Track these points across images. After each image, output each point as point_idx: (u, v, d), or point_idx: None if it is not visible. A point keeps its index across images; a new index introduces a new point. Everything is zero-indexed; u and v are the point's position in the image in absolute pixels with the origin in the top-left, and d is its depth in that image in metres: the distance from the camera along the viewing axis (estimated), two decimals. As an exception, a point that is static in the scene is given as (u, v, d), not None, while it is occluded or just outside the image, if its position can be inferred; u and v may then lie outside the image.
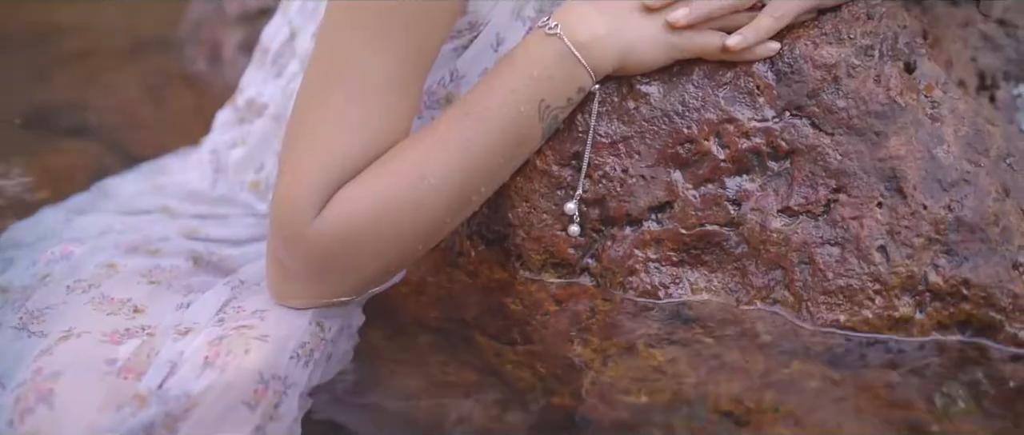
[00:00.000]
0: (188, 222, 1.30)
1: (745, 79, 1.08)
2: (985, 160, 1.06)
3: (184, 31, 2.08)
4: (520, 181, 1.10)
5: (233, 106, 1.40)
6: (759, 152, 1.07)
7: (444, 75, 1.17)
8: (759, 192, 1.07)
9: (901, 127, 1.05)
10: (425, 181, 1.04)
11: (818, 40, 1.08)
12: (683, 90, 1.08)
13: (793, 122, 1.07)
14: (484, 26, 1.13)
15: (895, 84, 1.06)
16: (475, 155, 1.05)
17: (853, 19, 1.10)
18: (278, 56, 1.32)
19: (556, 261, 1.11)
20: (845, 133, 1.06)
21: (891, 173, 1.03)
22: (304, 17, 1.28)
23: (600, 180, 1.08)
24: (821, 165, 1.06)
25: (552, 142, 1.09)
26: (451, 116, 1.06)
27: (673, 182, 1.08)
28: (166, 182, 1.40)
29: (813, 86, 1.07)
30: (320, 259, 1.04)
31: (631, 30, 1.06)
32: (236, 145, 1.36)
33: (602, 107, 1.08)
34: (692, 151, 1.08)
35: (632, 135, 1.08)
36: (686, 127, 1.07)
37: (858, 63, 1.07)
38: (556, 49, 1.05)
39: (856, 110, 1.06)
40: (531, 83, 1.05)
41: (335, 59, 1.05)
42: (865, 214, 1.03)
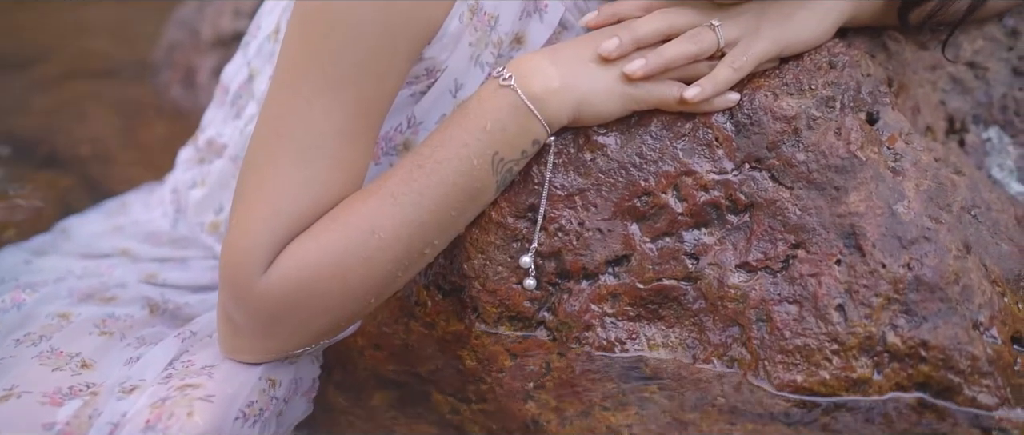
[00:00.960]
0: (148, 266, 1.28)
1: (704, 130, 1.06)
2: (946, 216, 1.03)
3: (158, 56, 2.06)
4: (475, 233, 1.08)
5: (194, 145, 1.38)
6: (718, 205, 1.05)
7: (401, 121, 1.15)
8: (717, 246, 1.05)
9: (861, 182, 1.03)
10: (375, 236, 1.02)
11: (779, 90, 1.06)
12: (641, 141, 1.06)
13: (752, 175, 1.05)
14: (441, 72, 1.11)
15: (856, 137, 1.04)
16: (427, 209, 1.03)
17: (815, 68, 1.08)
18: (237, 97, 1.30)
19: (512, 314, 1.09)
20: (805, 187, 1.04)
21: (850, 230, 1.01)
22: (262, 59, 1.26)
23: (556, 233, 1.06)
24: (780, 220, 1.04)
25: (507, 194, 1.07)
26: (403, 169, 1.04)
27: (630, 235, 1.06)
28: (127, 222, 1.39)
29: (773, 138, 1.05)
30: (268, 315, 1.02)
31: (586, 81, 1.04)
32: (196, 185, 1.34)
33: (558, 158, 1.06)
34: (649, 204, 1.06)
35: (588, 187, 1.06)
36: (643, 179, 1.05)
37: (819, 115, 1.05)
38: (509, 101, 1.03)
39: (816, 164, 1.04)
40: (484, 136, 1.03)
41: (283, 111, 1.03)
42: (823, 272, 1.01)
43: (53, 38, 2.37)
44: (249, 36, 1.32)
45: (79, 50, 2.30)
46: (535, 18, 1.13)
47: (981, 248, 1.06)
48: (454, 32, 1.08)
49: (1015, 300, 1.06)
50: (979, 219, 1.09)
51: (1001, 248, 1.08)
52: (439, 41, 1.08)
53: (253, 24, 1.32)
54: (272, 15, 1.26)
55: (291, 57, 1.04)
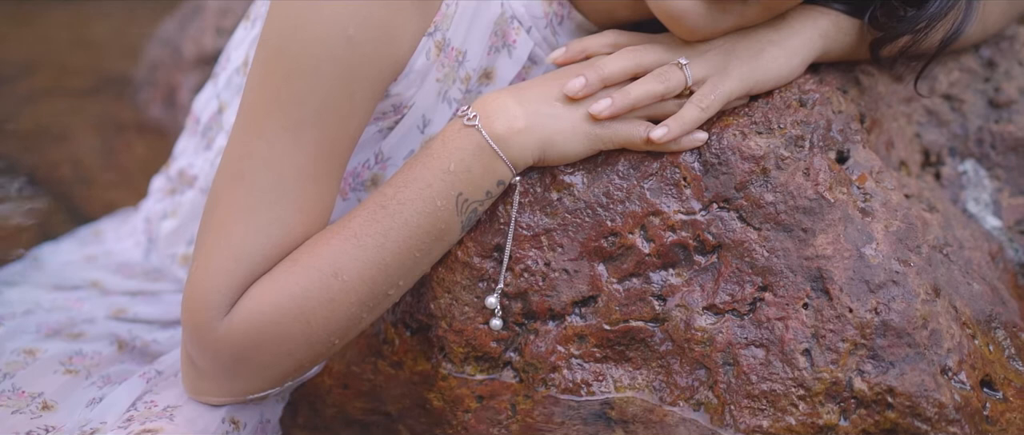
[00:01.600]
0: (118, 300, 1.28)
1: (672, 170, 1.04)
2: (916, 257, 1.02)
3: (140, 74, 2.05)
4: (442, 272, 1.07)
5: (166, 174, 1.38)
6: (685, 246, 1.04)
7: (369, 157, 1.14)
8: (685, 287, 1.04)
9: (829, 224, 1.01)
10: (338, 278, 1.01)
11: (747, 129, 1.05)
12: (608, 180, 1.05)
13: (720, 215, 1.04)
14: (409, 109, 1.10)
15: (824, 178, 1.03)
16: (390, 251, 1.02)
17: (784, 106, 1.06)
18: (207, 128, 1.29)
19: (478, 354, 1.08)
20: (772, 229, 1.02)
21: (817, 273, 1.00)
22: (231, 92, 1.25)
23: (522, 274, 1.05)
24: (748, 261, 1.02)
25: (473, 233, 1.06)
26: (366, 209, 1.03)
27: (597, 276, 1.05)
28: (99, 252, 1.38)
29: (741, 178, 1.03)
30: (230, 358, 1.01)
31: (552, 121, 1.03)
32: (167, 216, 1.33)
33: (524, 197, 1.05)
34: (616, 244, 1.04)
35: (555, 227, 1.05)
36: (610, 220, 1.04)
37: (787, 155, 1.04)
38: (474, 142, 1.02)
39: (784, 205, 1.02)
40: (448, 177, 1.01)
41: (245, 153, 1.02)
42: (790, 315, 1.00)
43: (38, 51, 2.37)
44: (219, 67, 1.31)
45: (63, 64, 2.29)
46: (503, 53, 1.12)
47: (952, 289, 1.05)
48: (421, 69, 1.07)
49: (985, 342, 1.04)
50: (951, 258, 1.08)
51: (972, 288, 1.07)
52: (405, 78, 1.07)
53: (223, 55, 1.31)
54: (241, 48, 1.25)
55: (253, 98, 1.03)
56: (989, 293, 1.08)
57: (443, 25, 1.07)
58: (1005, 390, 1.02)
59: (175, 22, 2.05)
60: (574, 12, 1.14)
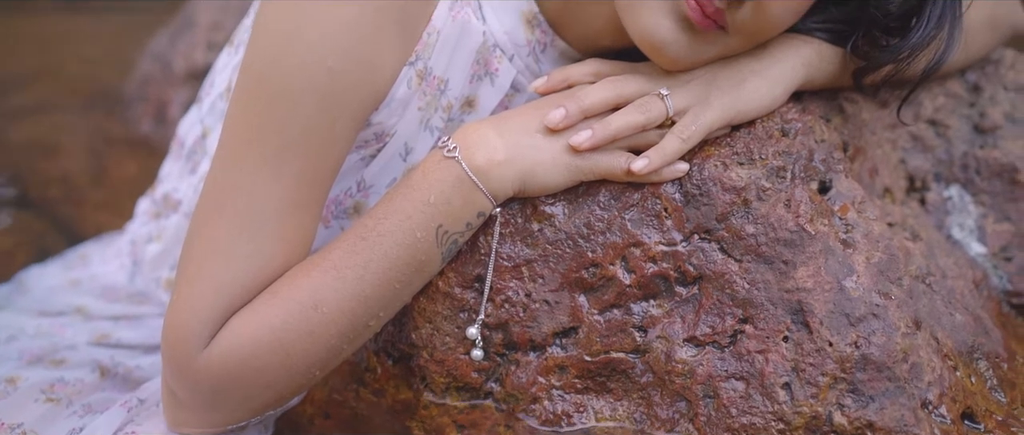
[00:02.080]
0: (101, 325, 1.27)
1: (653, 201, 1.04)
2: (897, 290, 1.02)
3: (131, 89, 2.05)
4: (423, 301, 1.07)
5: (152, 197, 1.37)
6: (666, 277, 1.04)
7: (351, 185, 1.14)
8: (666, 319, 1.04)
9: (810, 256, 1.01)
10: (318, 310, 1.00)
11: (729, 160, 1.04)
12: (589, 211, 1.04)
13: (702, 246, 1.03)
14: (391, 137, 1.10)
15: (805, 210, 1.03)
16: (370, 283, 1.01)
17: (766, 137, 1.06)
18: (192, 153, 1.29)
19: (460, 384, 1.07)
20: (753, 260, 1.02)
21: (798, 306, 1.00)
22: (214, 117, 1.25)
23: (503, 304, 1.05)
24: (728, 293, 1.02)
25: (454, 264, 1.06)
26: (346, 241, 1.02)
27: (578, 307, 1.05)
28: (85, 276, 1.38)
29: (722, 209, 1.03)
30: (210, 389, 1.01)
31: (532, 153, 1.02)
32: (152, 240, 1.33)
33: (505, 228, 1.05)
34: (597, 275, 1.04)
35: (535, 258, 1.05)
36: (591, 251, 1.04)
37: (769, 186, 1.04)
38: (454, 174, 1.01)
39: (765, 237, 1.02)
40: (428, 209, 1.01)
41: (226, 183, 1.02)
42: (770, 348, 1.00)
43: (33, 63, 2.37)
44: (203, 91, 1.31)
45: (57, 77, 2.29)
46: (486, 82, 1.12)
47: (933, 320, 1.04)
48: (402, 97, 1.07)
49: (967, 373, 1.04)
50: (933, 288, 1.08)
51: (954, 318, 1.07)
52: (387, 107, 1.07)
53: (207, 80, 1.31)
54: (224, 73, 1.25)
55: (234, 128, 1.03)
56: (972, 323, 1.08)
57: (425, 54, 1.07)
58: (986, 422, 1.02)
59: (166, 37, 2.05)
60: (557, 40, 1.13)
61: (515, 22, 1.11)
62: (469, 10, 1.08)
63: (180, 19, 2.05)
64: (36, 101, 2.17)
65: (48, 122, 2.03)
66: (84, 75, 2.28)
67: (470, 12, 1.08)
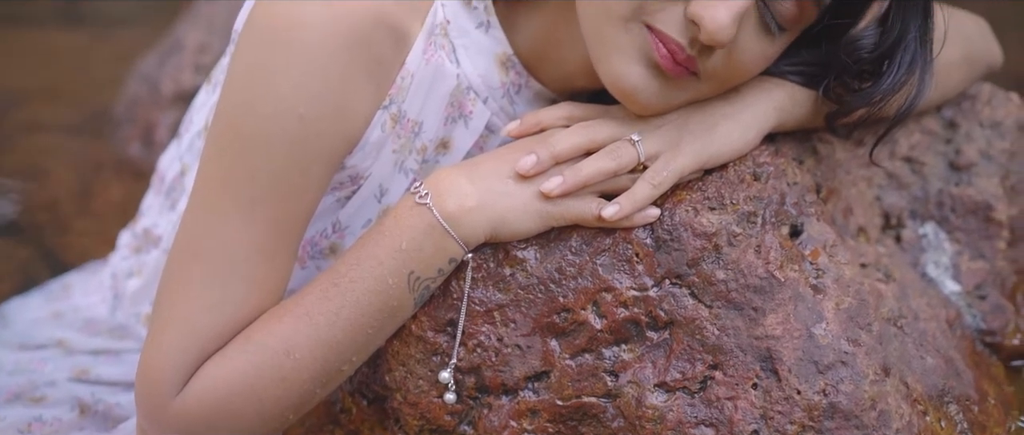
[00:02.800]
0: (82, 360, 1.28)
1: (624, 246, 1.05)
2: (866, 336, 1.02)
3: (119, 111, 2.06)
4: (397, 345, 1.08)
5: (132, 230, 1.38)
6: (638, 322, 1.04)
7: (326, 227, 1.14)
8: (637, 363, 1.04)
9: (779, 303, 1.02)
10: (290, 357, 1.01)
11: (700, 205, 1.05)
12: (560, 256, 1.05)
13: (672, 291, 1.04)
14: (366, 179, 1.10)
15: (775, 256, 1.03)
16: (342, 329, 1.02)
17: (738, 181, 1.06)
18: (171, 189, 1.30)
19: (433, 427, 1.08)
20: (723, 306, 1.03)
21: (767, 353, 1.00)
22: (193, 155, 1.25)
23: (475, 349, 1.06)
24: (699, 339, 1.03)
25: (427, 308, 1.07)
26: (319, 287, 1.03)
27: (550, 351, 1.05)
28: (67, 308, 1.38)
29: (693, 255, 1.04)
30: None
31: (503, 199, 1.03)
32: (133, 275, 1.33)
33: (477, 273, 1.06)
34: (569, 320, 1.05)
35: (507, 303, 1.05)
36: (562, 296, 1.05)
37: (739, 231, 1.04)
38: (425, 221, 1.02)
39: (735, 283, 1.03)
40: (399, 255, 1.02)
41: (199, 230, 1.03)
42: (740, 395, 1.00)
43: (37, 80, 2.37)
44: (183, 127, 1.32)
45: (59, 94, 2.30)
46: (460, 124, 1.12)
47: (904, 364, 1.05)
48: (376, 141, 1.07)
49: (937, 417, 1.05)
50: (905, 330, 1.08)
51: (925, 362, 1.07)
52: (361, 150, 1.07)
53: (186, 116, 1.31)
54: (202, 111, 1.26)
55: (207, 175, 1.03)
56: (943, 366, 1.08)
57: (398, 98, 1.07)
58: (956, 467, 1.02)
59: (154, 58, 2.05)
60: (532, 81, 1.14)
61: (489, 65, 1.11)
62: (443, 54, 1.09)
63: (168, 41, 2.06)
64: (33, 120, 2.18)
65: (36, 144, 2.04)
66: (76, 94, 2.28)
67: (444, 55, 1.09)
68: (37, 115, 2.21)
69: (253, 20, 1.03)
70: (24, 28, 2.79)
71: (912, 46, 1.05)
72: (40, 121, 2.17)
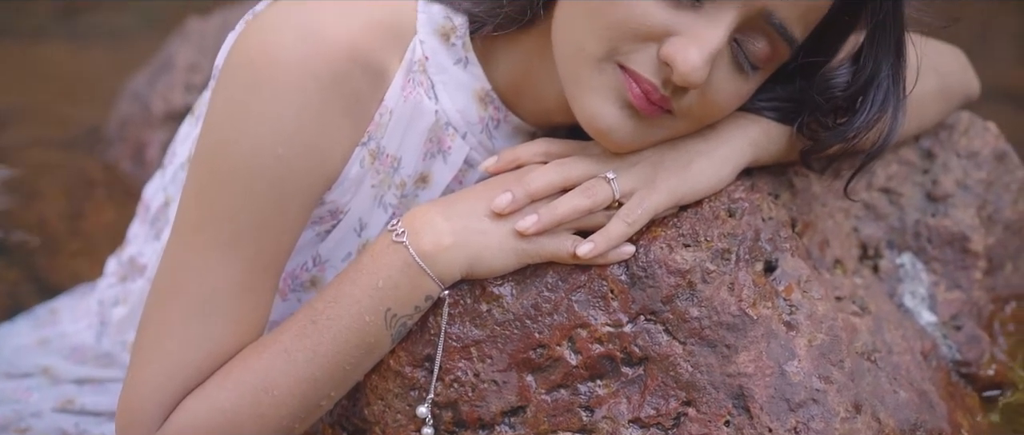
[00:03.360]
0: (67, 389, 1.30)
1: (599, 282, 1.06)
2: (838, 372, 1.03)
3: (111, 129, 2.07)
4: (375, 379, 1.09)
5: (119, 258, 1.39)
6: (613, 357, 1.05)
7: (307, 260, 1.15)
8: (612, 399, 1.05)
9: (751, 341, 1.03)
10: (269, 393, 1.02)
11: (674, 242, 1.06)
12: (536, 293, 1.06)
13: (647, 327, 1.05)
14: (345, 214, 1.11)
15: (748, 294, 1.04)
16: (320, 366, 1.03)
17: (713, 217, 1.07)
18: (155, 219, 1.31)
19: (411, 461, 1.09)
20: (697, 343, 1.04)
21: (739, 390, 1.02)
22: (176, 187, 1.26)
23: (452, 384, 1.07)
24: (672, 375, 1.04)
25: (405, 343, 1.08)
26: (297, 323, 1.04)
27: (526, 386, 1.06)
28: (53, 334, 1.40)
29: (667, 292, 1.05)
30: (163, 471, 1.03)
31: (479, 238, 1.04)
32: (118, 303, 1.35)
33: (454, 309, 1.07)
34: (544, 356, 1.06)
35: (484, 339, 1.06)
36: (538, 332, 1.06)
37: (713, 268, 1.05)
38: (401, 259, 1.03)
39: (709, 320, 1.04)
40: (376, 293, 1.03)
41: (178, 267, 1.04)
42: (712, 432, 1.01)
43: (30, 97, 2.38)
44: (167, 159, 1.33)
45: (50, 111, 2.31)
46: (439, 159, 1.13)
47: (876, 400, 1.06)
48: (355, 176, 1.09)
49: (909, 452, 1.06)
50: (879, 364, 1.09)
51: (898, 396, 1.08)
52: (340, 186, 1.08)
53: (170, 148, 1.32)
54: (186, 143, 1.27)
55: (187, 213, 1.05)
56: (915, 400, 1.09)
57: (377, 134, 1.08)
58: (927, 502, 1.04)
59: (145, 77, 2.06)
60: (511, 115, 1.15)
61: (467, 100, 1.12)
62: (421, 91, 1.10)
63: (159, 59, 2.07)
64: (25, 138, 2.19)
65: (28, 162, 2.05)
66: (69, 110, 2.29)
67: (422, 92, 1.10)
68: (30, 131, 2.22)
69: (232, 58, 1.05)
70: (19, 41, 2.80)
71: (884, 84, 1.06)
72: (29, 140, 2.18)
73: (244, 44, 1.04)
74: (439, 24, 1.11)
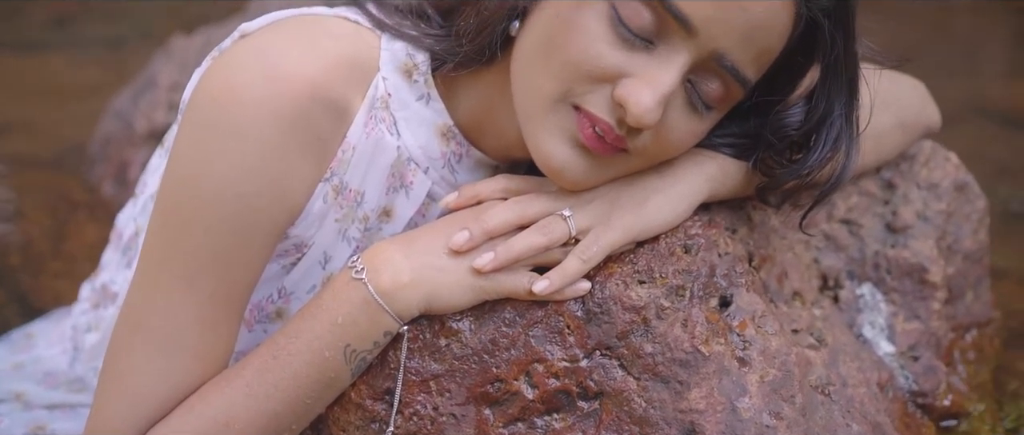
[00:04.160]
0: (38, 415, 1.31)
1: (555, 318, 1.07)
2: (789, 409, 1.05)
3: (94, 148, 2.09)
4: (338, 411, 1.11)
5: (92, 284, 1.41)
6: (569, 392, 1.07)
7: (272, 292, 1.17)
8: (568, 433, 1.07)
9: (703, 377, 1.05)
10: (230, 428, 1.04)
11: (630, 279, 1.08)
12: (494, 328, 1.08)
13: (603, 362, 1.07)
14: (309, 247, 1.13)
15: (700, 331, 1.06)
16: (281, 400, 1.05)
17: (668, 254, 1.09)
18: (127, 248, 1.33)
19: (373, 492, 1.11)
20: (651, 379, 1.05)
21: (691, 427, 1.03)
22: (146, 217, 1.28)
23: (411, 417, 1.09)
24: (627, 410, 1.06)
25: (366, 376, 1.10)
26: (259, 358, 1.06)
27: (483, 420, 1.08)
28: (28, 359, 1.42)
29: (622, 328, 1.06)
30: (127, 504, 1.05)
31: (437, 275, 1.06)
32: (91, 329, 1.36)
33: (413, 343, 1.09)
34: (502, 390, 1.08)
35: (443, 373, 1.08)
36: (496, 366, 1.08)
37: (668, 305, 1.07)
38: (360, 295, 1.05)
39: (662, 356, 1.05)
40: (335, 329, 1.05)
41: (142, 302, 1.06)
42: (664, 467, 1.03)
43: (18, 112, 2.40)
44: (138, 188, 1.34)
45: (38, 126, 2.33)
46: (401, 193, 1.15)
47: (828, 434, 1.07)
48: (319, 211, 1.10)
49: (861, 486, 1.07)
50: (833, 397, 1.11)
51: (851, 430, 1.10)
52: (304, 220, 1.10)
53: (142, 179, 1.34)
54: (156, 175, 1.28)
55: (151, 247, 1.07)
56: (869, 432, 1.11)
57: (340, 170, 1.10)
58: (877, 535, 1.05)
59: (128, 95, 2.08)
60: (473, 150, 1.17)
61: (429, 136, 1.14)
62: (383, 127, 1.12)
63: (142, 77, 2.09)
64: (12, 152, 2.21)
65: (17, 181, 2.07)
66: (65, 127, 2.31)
67: (384, 129, 1.12)
68: (17, 147, 2.24)
69: (196, 95, 1.06)
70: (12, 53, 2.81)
71: (838, 123, 1.07)
72: (15, 154, 2.20)
73: (209, 81, 1.06)
74: (402, 61, 1.12)
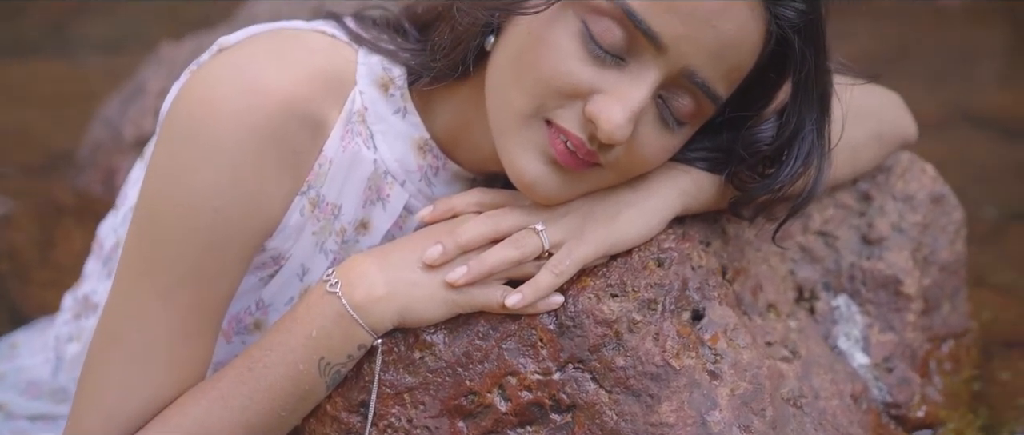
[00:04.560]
0: (20, 425, 1.32)
1: (529, 331, 1.08)
2: (759, 422, 1.06)
3: (83, 155, 2.09)
4: (313, 423, 1.12)
5: (74, 295, 1.42)
6: (541, 405, 1.08)
7: (250, 304, 1.18)
8: (541, 445, 1.08)
9: (674, 391, 1.05)
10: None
11: (602, 292, 1.09)
12: (468, 341, 1.09)
13: (575, 376, 1.08)
14: (287, 260, 1.14)
15: (672, 345, 1.07)
16: (255, 412, 1.06)
17: (641, 267, 1.10)
18: (108, 258, 1.34)
19: (348, 503, 1.12)
20: (622, 392, 1.06)
21: (661, 440, 1.04)
22: (127, 228, 1.29)
23: (386, 430, 1.10)
24: (598, 423, 1.06)
25: (341, 389, 1.11)
26: (234, 370, 1.07)
27: (458, 432, 1.09)
28: (11, 369, 1.42)
29: (594, 341, 1.07)
30: (103, 516, 1.06)
31: (410, 289, 1.07)
32: (73, 339, 1.37)
33: (388, 356, 1.09)
34: (476, 403, 1.09)
35: (417, 386, 1.09)
36: (469, 379, 1.08)
37: (640, 318, 1.08)
38: (334, 309, 1.06)
39: (634, 370, 1.06)
40: (310, 343, 1.06)
41: (119, 314, 1.07)
42: (634, 480, 1.04)
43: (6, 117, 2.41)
44: (119, 199, 1.35)
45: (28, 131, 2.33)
46: (378, 206, 1.16)
47: (800, 447, 1.08)
48: (296, 224, 1.11)
49: (830, 499, 1.08)
50: (805, 410, 1.12)
51: (822, 442, 1.11)
52: (281, 233, 1.11)
53: (123, 190, 1.35)
54: (136, 186, 1.29)
55: (128, 261, 1.08)
56: (840, 445, 1.12)
57: (316, 183, 1.11)
58: None
59: (117, 102, 2.08)
60: (449, 162, 1.18)
61: (405, 149, 1.15)
62: (359, 141, 1.13)
63: (131, 84, 2.09)
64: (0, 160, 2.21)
65: (6, 188, 2.07)
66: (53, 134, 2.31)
67: (360, 142, 1.13)
68: (8, 154, 2.24)
69: (174, 109, 1.08)
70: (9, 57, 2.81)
71: (809, 138, 1.08)
72: (10, 160, 2.20)
73: (186, 95, 1.07)
74: (378, 75, 1.13)
